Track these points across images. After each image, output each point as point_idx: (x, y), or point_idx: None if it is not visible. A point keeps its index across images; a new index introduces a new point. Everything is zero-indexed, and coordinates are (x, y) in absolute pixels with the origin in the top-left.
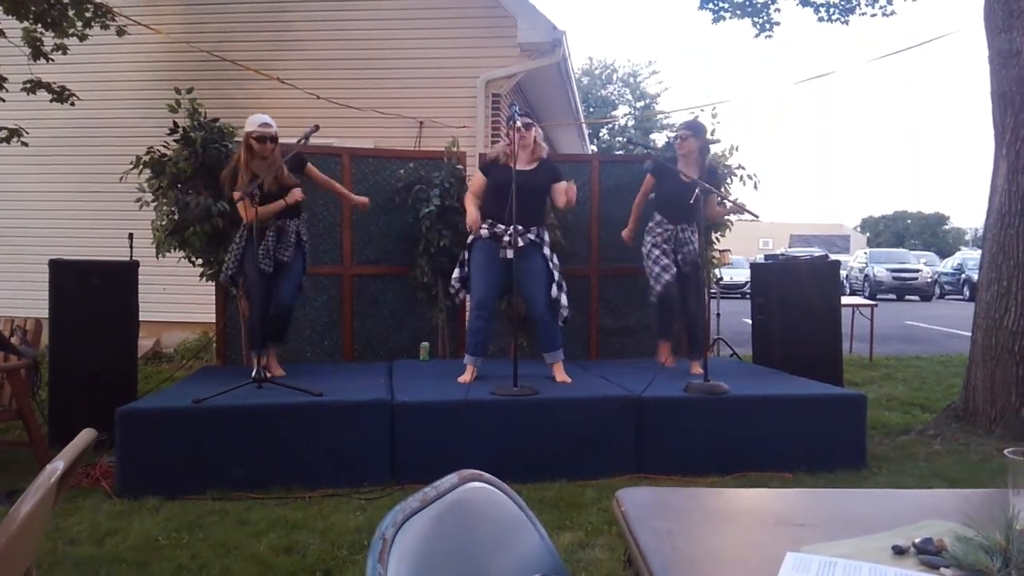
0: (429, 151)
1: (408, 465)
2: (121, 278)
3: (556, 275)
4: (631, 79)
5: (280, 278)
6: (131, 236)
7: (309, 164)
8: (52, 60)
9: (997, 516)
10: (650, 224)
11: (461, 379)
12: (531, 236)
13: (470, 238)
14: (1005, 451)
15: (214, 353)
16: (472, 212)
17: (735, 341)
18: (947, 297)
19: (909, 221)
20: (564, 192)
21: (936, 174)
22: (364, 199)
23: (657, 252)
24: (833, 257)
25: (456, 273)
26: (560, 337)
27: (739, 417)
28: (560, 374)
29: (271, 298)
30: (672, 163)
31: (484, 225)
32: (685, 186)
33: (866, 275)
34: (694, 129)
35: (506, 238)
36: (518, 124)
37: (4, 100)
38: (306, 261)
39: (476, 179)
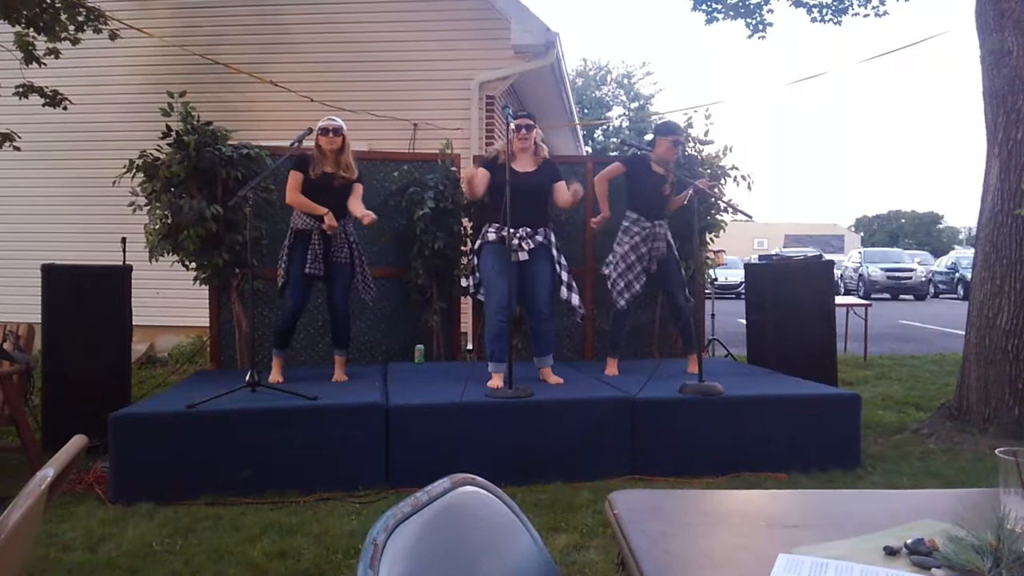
0: (423, 153)
1: (403, 468)
2: (114, 282)
3: (565, 276)
4: (625, 80)
5: (335, 282)
6: (124, 240)
7: (358, 184)
8: (44, 64)
9: (989, 516)
10: (625, 224)
11: (491, 384)
12: (539, 238)
13: (477, 243)
14: (996, 451)
15: (208, 357)
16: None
17: (730, 341)
18: (941, 296)
19: (903, 220)
20: (571, 193)
21: (930, 173)
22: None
23: (633, 258)
24: (827, 257)
25: (472, 279)
26: (554, 343)
27: (734, 418)
28: (552, 377)
29: (329, 304)
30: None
31: (492, 228)
32: (659, 182)
33: (860, 275)
34: (668, 130)
35: (515, 241)
36: (512, 125)
37: None
38: (357, 262)
39: (480, 172)
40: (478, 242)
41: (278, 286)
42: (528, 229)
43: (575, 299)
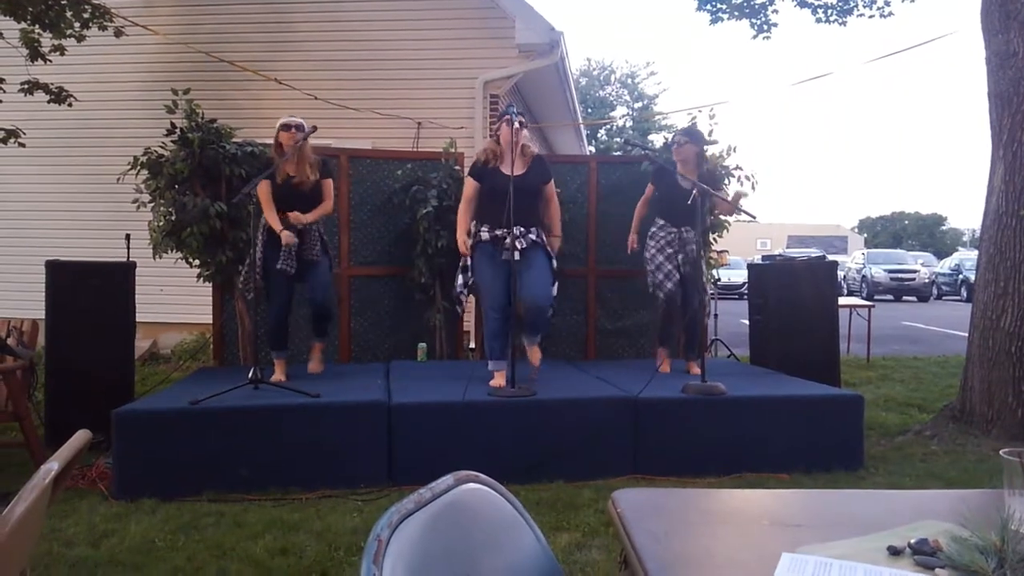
0: (427, 152)
1: (405, 466)
2: (118, 279)
3: (552, 273)
4: (629, 80)
5: (311, 279)
6: (128, 237)
7: (331, 180)
8: (50, 61)
9: (993, 517)
10: (652, 229)
11: (494, 383)
12: (532, 236)
13: (470, 242)
14: (1001, 452)
15: (211, 354)
16: (461, 236)
17: (732, 342)
18: (944, 298)
19: (907, 222)
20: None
21: (934, 175)
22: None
23: (661, 258)
24: (831, 258)
25: (460, 280)
26: (545, 329)
27: (736, 418)
28: (536, 355)
29: (309, 299)
30: (671, 165)
31: (484, 228)
32: (685, 188)
33: (863, 276)
34: (691, 135)
35: (508, 240)
36: (516, 124)
37: (2, 101)
38: (331, 260)
39: (468, 185)
40: (470, 241)
41: (239, 283)
42: (521, 228)
43: (552, 301)
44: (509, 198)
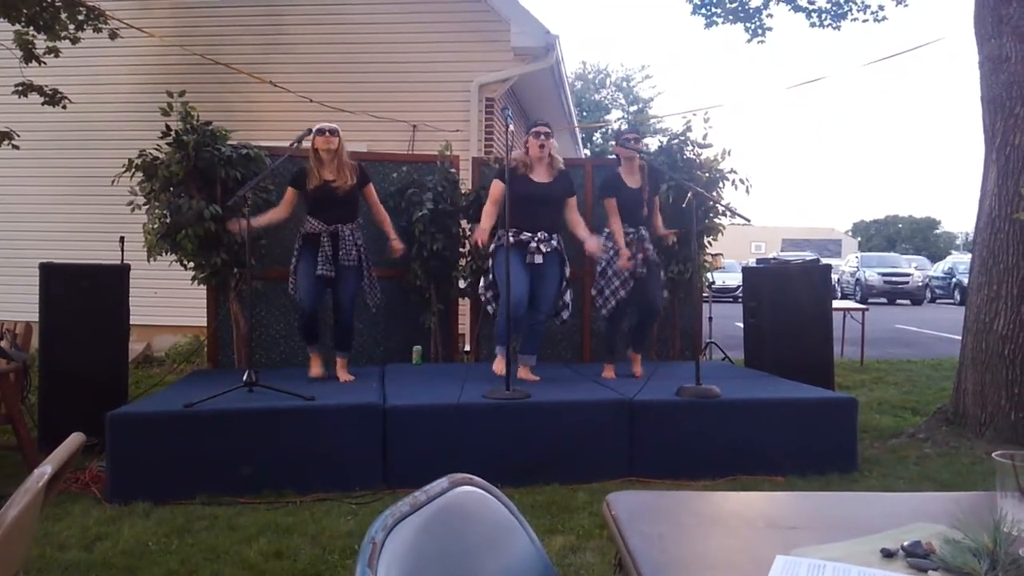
0: (422, 155)
1: (400, 469)
2: (112, 282)
3: (564, 282)
4: (624, 83)
5: (339, 284)
6: (122, 240)
7: (371, 185)
8: (44, 63)
9: (985, 519)
10: (608, 230)
11: (496, 366)
12: (554, 243)
13: (492, 246)
14: (993, 454)
15: (205, 357)
16: (482, 227)
17: (727, 345)
18: (938, 301)
19: (900, 225)
20: (591, 247)
21: (927, 178)
22: (400, 246)
23: (610, 272)
24: (824, 261)
25: (483, 282)
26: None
27: (731, 421)
28: (531, 375)
29: (334, 303)
30: (663, 167)
31: (509, 232)
32: (634, 190)
33: (857, 279)
34: (641, 132)
35: (532, 244)
36: (508, 124)
37: None
38: (363, 266)
39: (495, 187)
40: (492, 244)
41: (290, 290)
42: (545, 234)
43: (569, 303)
44: (505, 198)
